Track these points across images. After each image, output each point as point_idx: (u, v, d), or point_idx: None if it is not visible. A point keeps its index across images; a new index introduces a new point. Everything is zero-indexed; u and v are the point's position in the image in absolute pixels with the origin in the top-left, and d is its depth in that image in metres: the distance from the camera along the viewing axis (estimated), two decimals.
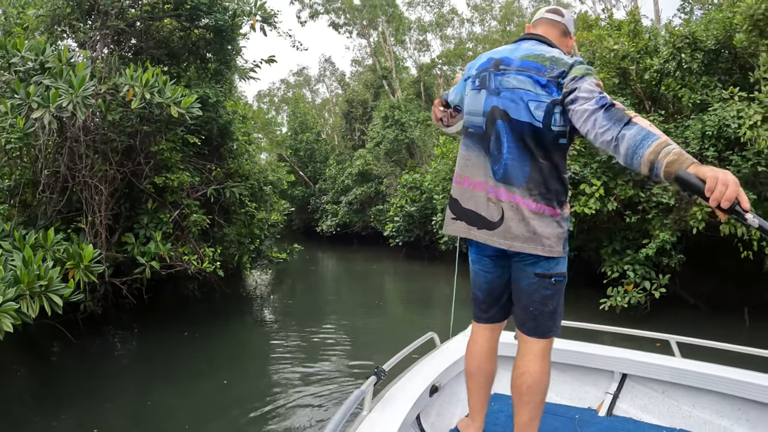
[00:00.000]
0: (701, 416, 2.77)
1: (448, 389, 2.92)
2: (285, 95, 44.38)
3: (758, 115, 7.11)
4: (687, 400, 2.84)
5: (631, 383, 3.01)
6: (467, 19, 35.20)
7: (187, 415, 5.40)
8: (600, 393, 3.05)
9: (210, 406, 5.62)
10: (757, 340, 7.29)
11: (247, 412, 5.33)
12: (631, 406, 2.93)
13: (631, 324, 7.88)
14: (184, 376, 6.56)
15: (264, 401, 5.59)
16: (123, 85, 6.61)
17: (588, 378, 3.11)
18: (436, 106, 2.52)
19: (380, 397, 2.41)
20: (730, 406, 2.71)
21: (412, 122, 21.86)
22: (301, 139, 29.50)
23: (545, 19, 2.26)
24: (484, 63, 2.19)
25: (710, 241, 7.96)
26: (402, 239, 17.71)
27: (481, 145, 2.13)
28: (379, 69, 28.90)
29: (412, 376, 2.68)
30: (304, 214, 27.93)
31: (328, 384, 6.10)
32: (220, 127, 9.22)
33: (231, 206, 9.95)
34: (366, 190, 22.48)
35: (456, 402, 2.95)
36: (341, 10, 29.34)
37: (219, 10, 8.67)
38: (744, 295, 8.54)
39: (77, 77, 6.01)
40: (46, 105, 5.89)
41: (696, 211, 7.49)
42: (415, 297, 12.77)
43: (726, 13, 8.71)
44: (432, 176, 15.73)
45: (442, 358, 2.95)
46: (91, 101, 6.15)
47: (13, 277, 4.68)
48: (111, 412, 5.50)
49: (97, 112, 6.76)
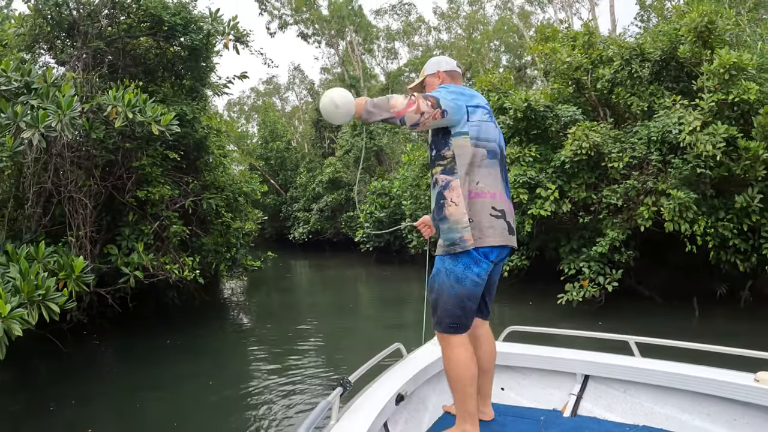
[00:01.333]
0: (662, 412, 2.86)
1: (415, 397, 3.00)
2: (255, 103, 44.63)
3: (697, 121, 7.65)
4: (648, 398, 2.93)
5: (594, 384, 3.11)
6: (434, 27, 35.98)
7: (174, 413, 5.76)
8: (564, 394, 3.14)
9: (194, 406, 5.98)
10: (706, 329, 7.88)
11: (223, 414, 5.67)
12: (594, 406, 3.03)
13: (589, 316, 8.57)
14: (169, 380, 6.90)
15: (241, 405, 5.89)
16: (106, 105, 6.99)
17: (552, 380, 3.19)
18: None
19: (347, 407, 2.47)
20: (690, 401, 2.80)
21: (380, 130, 22.43)
22: (272, 148, 29.83)
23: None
24: (485, 101, 2.73)
25: (663, 237, 8.46)
26: (372, 244, 18.19)
27: (500, 166, 2.66)
28: (347, 78, 29.42)
29: (378, 385, 2.73)
30: (276, 222, 28.18)
31: (303, 385, 6.44)
32: (196, 142, 9.63)
33: (207, 217, 10.34)
34: (336, 197, 22.89)
35: (423, 410, 3.05)
36: (310, 20, 29.83)
37: (194, 29, 9.09)
38: (693, 287, 9.13)
39: (65, 98, 6.37)
40: (36, 125, 6.24)
41: (643, 210, 8.13)
42: (388, 301, 13.23)
43: (673, 26, 9.31)
44: (400, 182, 16.28)
45: (407, 367, 3.01)
46: (78, 121, 6.52)
47: (13, 287, 5.06)
48: (100, 414, 5.82)
49: (81, 130, 7.12)
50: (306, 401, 5.92)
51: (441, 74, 2.81)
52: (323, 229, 24.06)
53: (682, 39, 8.85)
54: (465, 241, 2.49)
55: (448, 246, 2.56)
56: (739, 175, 7.74)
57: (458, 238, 2.50)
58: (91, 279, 6.55)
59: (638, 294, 9.81)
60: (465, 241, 2.49)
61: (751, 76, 7.95)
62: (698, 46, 8.67)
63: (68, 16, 8.66)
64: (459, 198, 2.51)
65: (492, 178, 2.60)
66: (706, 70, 8.04)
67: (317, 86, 40.73)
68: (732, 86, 7.78)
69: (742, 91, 7.62)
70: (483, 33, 32.52)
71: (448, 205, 2.54)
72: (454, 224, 2.52)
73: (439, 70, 2.82)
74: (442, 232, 2.60)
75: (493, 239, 2.52)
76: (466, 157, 2.53)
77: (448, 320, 2.56)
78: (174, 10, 8.97)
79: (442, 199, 2.56)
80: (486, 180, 2.57)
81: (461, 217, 2.51)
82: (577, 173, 9.01)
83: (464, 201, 2.51)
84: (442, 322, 2.59)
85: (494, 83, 10.55)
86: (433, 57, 2.94)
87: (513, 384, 3.31)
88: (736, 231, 7.91)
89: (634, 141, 8.71)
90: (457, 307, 2.53)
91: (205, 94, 10.57)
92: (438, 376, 3.18)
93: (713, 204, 8.11)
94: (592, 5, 21.75)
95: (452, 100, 2.52)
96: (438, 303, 2.60)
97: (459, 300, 2.53)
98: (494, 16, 33.63)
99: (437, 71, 2.82)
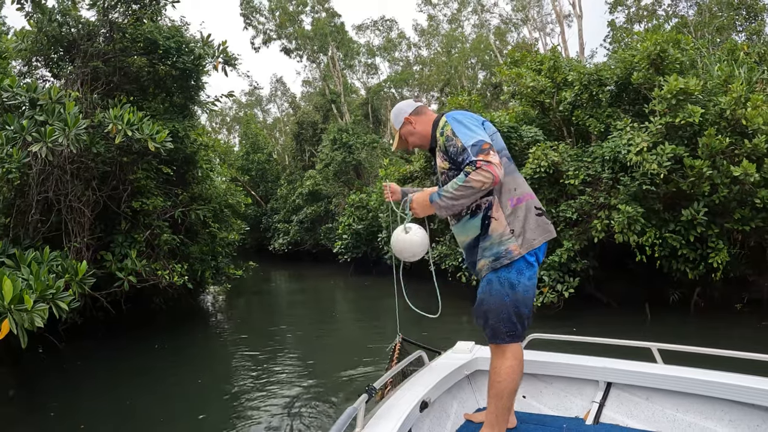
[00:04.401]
0: (685, 419, 2.84)
1: (438, 405, 2.99)
2: (237, 115, 45.04)
3: (645, 142, 8.30)
4: (671, 405, 2.91)
5: (616, 391, 3.09)
6: (414, 44, 36.92)
7: (161, 411, 6.19)
8: (586, 402, 3.12)
9: (181, 404, 6.42)
10: (657, 332, 8.38)
11: (212, 413, 6.07)
12: (617, 414, 3.01)
13: (548, 320, 9.24)
14: (157, 379, 7.40)
15: (225, 403, 6.31)
16: (107, 122, 7.61)
17: (573, 388, 3.18)
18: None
19: (372, 414, 2.47)
20: (712, 407, 2.78)
21: (359, 144, 23.13)
22: (253, 159, 30.35)
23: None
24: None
25: (621, 247, 9.00)
26: (350, 255, 18.66)
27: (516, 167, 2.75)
28: (328, 93, 30.11)
29: (402, 393, 2.74)
30: (256, 232, 28.45)
31: (283, 386, 6.87)
32: (186, 157, 10.29)
33: (195, 226, 10.97)
34: (316, 209, 23.34)
35: (446, 417, 3.05)
36: (293, 36, 30.53)
37: (185, 52, 9.76)
38: (649, 293, 9.75)
39: (71, 115, 7.00)
40: (43, 139, 6.85)
41: (596, 223, 8.87)
42: (366, 309, 13.77)
43: (630, 53, 9.98)
44: (377, 196, 16.95)
45: (430, 375, 3.01)
46: (83, 137, 7.14)
47: (27, 286, 5.64)
48: (91, 410, 6.28)
49: (83, 144, 7.73)
50: (286, 400, 6.32)
51: (410, 118, 2.80)
52: (303, 241, 24.48)
53: (636, 66, 9.56)
54: (511, 252, 2.50)
55: (493, 261, 2.55)
56: (686, 191, 8.37)
57: (504, 251, 2.51)
58: (92, 282, 7.13)
59: (597, 300, 10.47)
60: (511, 252, 2.50)
61: (697, 101, 8.57)
62: (651, 73, 9.37)
63: (68, 34, 9.30)
64: (499, 212, 2.52)
65: (521, 180, 2.68)
66: (656, 95, 8.68)
67: (299, 99, 41.50)
68: (679, 110, 8.38)
69: (688, 115, 8.23)
70: (460, 51, 33.52)
71: (493, 221, 2.54)
72: (497, 238, 2.52)
73: (406, 117, 2.81)
74: (483, 251, 2.59)
75: (540, 237, 2.56)
76: None
77: (505, 329, 2.55)
78: (168, 33, 9.65)
79: (487, 221, 2.55)
80: (519, 182, 2.63)
81: (503, 230, 2.51)
82: (537, 189, 9.70)
83: (505, 213, 2.53)
84: (499, 332, 2.57)
85: (463, 105, 11.32)
86: (392, 111, 2.90)
87: (534, 392, 3.32)
88: (685, 242, 8.55)
89: (589, 160, 9.47)
90: (513, 315, 2.54)
91: (194, 111, 11.23)
92: (459, 385, 3.24)
93: (663, 217, 8.77)
94: (562, 28, 22.90)
95: (480, 131, 2.53)
96: (492, 313, 2.57)
97: (515, 307, 2.53)
98: (472, 35, 34.73)
99: (405, 119, 2.81)
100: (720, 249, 8.30)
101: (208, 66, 10.37)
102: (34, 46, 9.35)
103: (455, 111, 2.67)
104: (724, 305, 9.24)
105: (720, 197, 8.10)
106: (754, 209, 8.19)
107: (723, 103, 8.37)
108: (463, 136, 2.50)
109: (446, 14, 34.80)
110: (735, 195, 8.13)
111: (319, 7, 30.49)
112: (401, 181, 13.80)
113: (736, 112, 8.21)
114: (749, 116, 8.03)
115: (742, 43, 15.02)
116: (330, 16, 30.45)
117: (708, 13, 23.55)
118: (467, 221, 2.63)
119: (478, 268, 2.64)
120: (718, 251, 8.29)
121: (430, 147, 2.80)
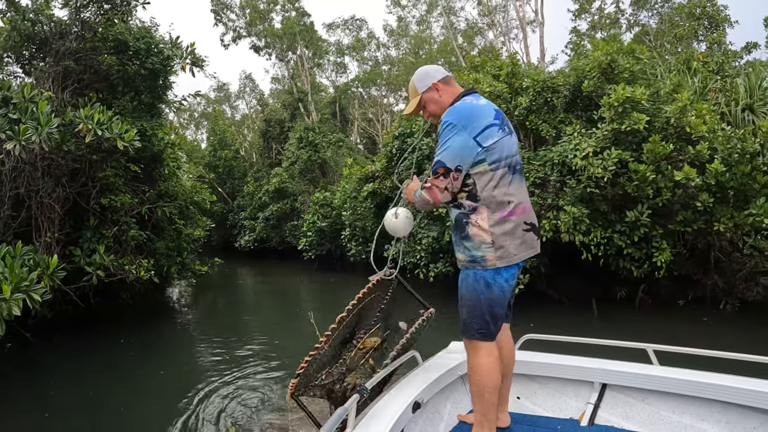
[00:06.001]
0: (681, 421, 2.83)
1: (431, 405, 2.99)
2: (205, 110, 44.74)
3: (590, 147, 8.75)
4: (666, 407, 2.90)
5: (612, 393, 3.07)
6: (383, 44, 37.26)
7: (126, 402, 6.49)
8: (581, 403, 3.11)
9: (145, 395, 6.76)
10: (603, 328, 8.99)
11: (176, 401, 6.39)
12: (612, 415, 2.99)
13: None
14: (122, 371, 7.72)
15: (188, 394, 6.60)
16: (78, 121, 7.88)
17: (568, 389, 3.16)
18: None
19: (363, 415, 2.48)
20: (708, 409, 2.77)
21: (324, 143, 23.40)
22: (220, 156, 30.30)
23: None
24: (497, 111, 2.65)
25: (573, 246, 9.35)
26: (315, 252, 18.86)
27: (520, 175, 2.65)
28: (295, 92, 30.29)
29: (394, 393, 2.74)
30: (222, 229, 28.40)
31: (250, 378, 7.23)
32: (153, 155, 10.58)
33: (161, 223, 11.26)
34: (282, 207, 23.38)
35: (438, 419, 3.04)
36: (263, 33, 30.61)
37: (155, 53, 10.05)
38: (598, 290, 10.23)
39: (44, 114, 7.26)
40: (16, 138, 7.11)
41: (544, 223, 9.31)
42: (331, 303, 14.05)
43: (584, 61, 10.41)
44: (341, 194, 17.32)
45: (423, 375, 3.01)
46: (55, 136, 7.41)
47: (2, 278, 5.94)
48: (60, 403, 6.54)
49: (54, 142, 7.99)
50: (249, 392, 6.69)
51: (438, 85, 2.68)
52: (269, 238, 24.51)
53: (588, 75, 9.98)
54: (486, 260, 2.51)
55: (468, 261, 2.58)
56: (631, 194, 8.78)
57: (479, 257, 2.52)
58: (63, 275, 7.42)
59: (548, 297, 10.96)
60: (486, 261, 2.51)
61: (645, 109, 8.99)
62: (602, 81, 9.81)
63: (41, 32, 9.52)
64: (484, 221, 2.51)
65: (519, 193, 2.61)
66: (605, 103, 9.05)
67: (267, 96, 41.52)
68: (626, 117, 8.75)
69: (634, 122, 8.62)
70: (428, 52, 34.06)
71: (472, 226, 2.53)
72: (478, 244, 2.53)
73: (434, 83, 2.68)
74: (463, 248, 2.60)
75: (522, 254, 2.55)
76: (489, 182, 2.51)
77: (477, 326, 2.57)
78: (138, 33, 9.93)
79: (465, 219, 2.56)
80: (513, 197, 2.56)
81: (485, 238, 2.51)
82: None
83: (490, 224, 2.51)
84: (470, 328, 2.59)
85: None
86: (417, 72, 2.79)
87: (529, 393, 3.32)
88: (630, 241, 9.00)
89: (539, 163, 9.97)
90: (486, 313, 2.55)
91: (162, 110, 11.51)
92: (453, 385, 3.23)
93: (610, 218, 9.23)
94: (525, 34, 23.58)
95: (457, 151, 2.49)
96: (466, 309, 2.60)
97: (489, 306, 2.54)
98: (441, 36, 35.27)
99: (433, 84, 2.68)
100: (664, 249, 8.69)
101: (176, 66, 10.66)
102: (6, 43, 9.55)
103: (460, 106, 2.60)
104: (670, 302, 9.68)
105: (663, 200, 8.49)
106: (696, 212, 8.57)
107: (668, 112, 8.80)
108: (440, 145, 2.53)
109: (415, 16, 35.29)
110: (678, 198, 8.52)
111: (289, 5, 30.64)
112: (363, 180, 14.24)
113: (681, 120, 8.63)
114: (693, 124, 8.46)
115: (698, 53, 15.71)
116: (300, 16, 30.58)
117: (668, 23, 24.24)
118: (451, 209, 2.67)
119: (457, 257, 2.69)
120: (662, 251, 8.68)
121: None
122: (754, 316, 8.75)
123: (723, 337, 7.88)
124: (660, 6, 25.99)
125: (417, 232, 11.34)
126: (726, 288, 9.40)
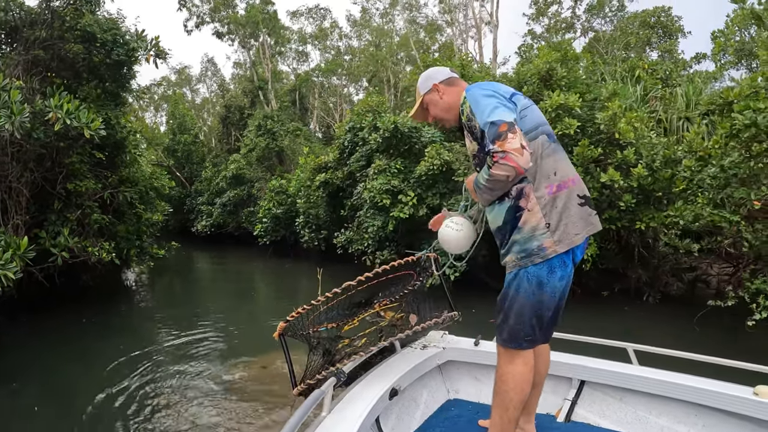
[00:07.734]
0: (657, 422, 2.81)
1: (409, 393, 2.97)
2: (165, 93, 44.39)
3: None
4: (643, 407, 2.87)
5: (589, 390, 3.04)
6: (345, 35, 37.73)
7: (88, 379, 6.85)
8: (558, 399, 3.07)
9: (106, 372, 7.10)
10: None
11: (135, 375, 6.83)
12: (589, 412, 2.97)
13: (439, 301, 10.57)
14: (83, 350, 8.25)
15: (147, 371, 7.05)
16: (48, 110, 8.34)
17: (547, 384, 2.99)
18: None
19: (339, 399, 2.44)
20: (685, 411, 2.74)
21: (282, 132, 23.89)
22: (179, 140, 30.35)
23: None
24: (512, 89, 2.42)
25: None
26: (270, 238, 19.35)
27: (562, 149, 2.41)
28: (256, 80, 30.57)
29: (371, 379, 2.70)
30: (179, 214, 28.31)
31: (200, 357, 7.75)
32: (116, 142, 11.07)
33: (122, 207, 11.75)
34: (239, 193, 23.64)
35: (415, 407, 3.01)
36: (226, 20, 30.75)
37: (120, 44, 10.50)
38: None
39: (16, 104, 7.72)
40: None
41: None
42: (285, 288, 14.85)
43: (526, 67, 11.26)
44: (296, 182, 17.93)
45: (402, 362, 2.97)
46: (27, 124, 7.89)
47: None
48: (23, 380, 6.88)
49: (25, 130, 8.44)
50: (201, 369, 7.14)
51: (438, 87, 2.55)
52: (225, 223, 24.78)
53: (528, 81, 10.83)
54: (545, 249, 2.23)
55: (521, 258, 2.28)
56: None
57: (535, 248, 2.24)
58: (32, 255, 7.93)
59: (486, 285, 11.90)
60: (545, 249, 2.23)
61: (579, 115, 9.65)
62: (540, 87, 10.67)
63: (11, 20, 9.87)
64: (533, 202, 2.24)
65: (564, 162, 2.35)
66: (540, 107, 10.08)
67: (228, 80, 41.56)
68: (558, 122, 9.38)
69: (566, 127, 9.24)
70: (388, 46, 34.71)
71: (525, 214, 2.25)
72: (530, 232, 2.25)
73: (435, 84, 2.56)
74: (511, 245, 2.32)
75: (583, 232, 2.28)
76: (533, 153, 2.23)
77: (522, 333, 2.32)
78: (105, 26, 10.36)
79: (518, 212, 2.27)
80: (560, 165, 2.31)
81: (537, 223, 2.24)
82: (433, 184, 11.05)
83: (540, 203, 2.24)
84: (517, 336, 2.33)
85: (372, 105, 12.56)
86: (422, 74, 2.67)
87: None
88: None
89: None
90: (533, 317, 2.31)
91: (125, 98, 11.97)
92: (430, 374, 3.22)
93: None
94: (480, 35, 24.56)
95: (502, 106, 2.20)
96: (512, 311, 2.33)
97: (538, 309, 2.30)
98: (404, 29, 35.94)
99: (433, 86, 2.56)
100: (590, 243, 9.25)
101: (141, 58, 11.11)
102: None
103: (479, 83, 2.41)
104: (597, 293, 10.29)
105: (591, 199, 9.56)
106: (621, 211, 9.17)
107: (599, 119, 9.47)
108: (479, 115, 2.23)
109: (378, 8, 35.85)
110: (605, 198, 9.23)
111: None
112: (316, 171, 14.92)
113: (612, 127, 9.29)
114: (623, 131, 9.13)
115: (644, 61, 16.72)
116: (264, 4, 30.82)
117: (620, 30, 25.30)
118: (495, 208, 2.37)
119: (505, 262, 2.39)
120: (589, 245, 9.32)
121: (459, 125, 2.53)
122: (672, 308, 9.61)
123: (640, 326, 8.84)
124: (613, 15, 27.11)
125: (363, 221, 12.05)
126: (649, 281, 10.24)
